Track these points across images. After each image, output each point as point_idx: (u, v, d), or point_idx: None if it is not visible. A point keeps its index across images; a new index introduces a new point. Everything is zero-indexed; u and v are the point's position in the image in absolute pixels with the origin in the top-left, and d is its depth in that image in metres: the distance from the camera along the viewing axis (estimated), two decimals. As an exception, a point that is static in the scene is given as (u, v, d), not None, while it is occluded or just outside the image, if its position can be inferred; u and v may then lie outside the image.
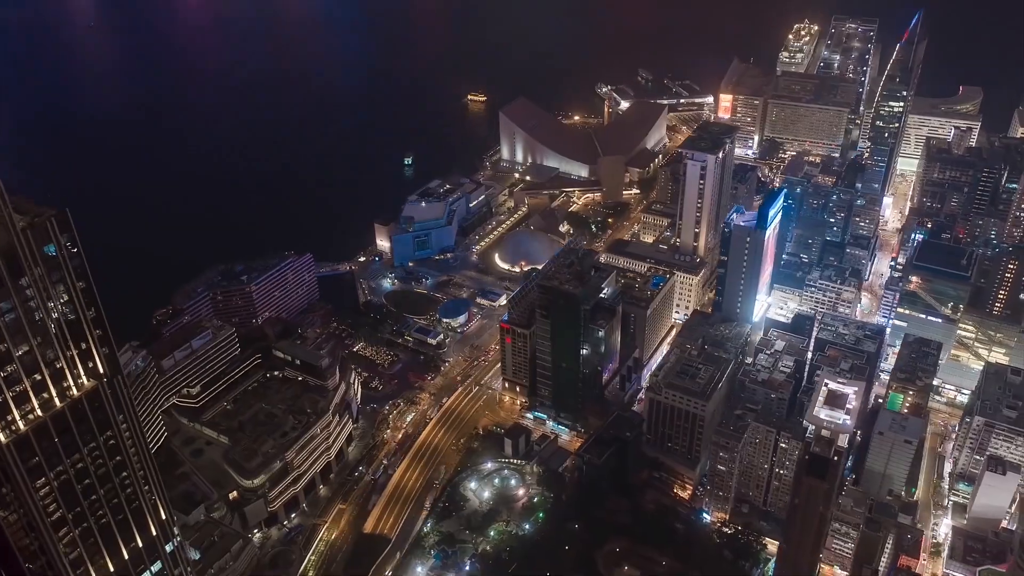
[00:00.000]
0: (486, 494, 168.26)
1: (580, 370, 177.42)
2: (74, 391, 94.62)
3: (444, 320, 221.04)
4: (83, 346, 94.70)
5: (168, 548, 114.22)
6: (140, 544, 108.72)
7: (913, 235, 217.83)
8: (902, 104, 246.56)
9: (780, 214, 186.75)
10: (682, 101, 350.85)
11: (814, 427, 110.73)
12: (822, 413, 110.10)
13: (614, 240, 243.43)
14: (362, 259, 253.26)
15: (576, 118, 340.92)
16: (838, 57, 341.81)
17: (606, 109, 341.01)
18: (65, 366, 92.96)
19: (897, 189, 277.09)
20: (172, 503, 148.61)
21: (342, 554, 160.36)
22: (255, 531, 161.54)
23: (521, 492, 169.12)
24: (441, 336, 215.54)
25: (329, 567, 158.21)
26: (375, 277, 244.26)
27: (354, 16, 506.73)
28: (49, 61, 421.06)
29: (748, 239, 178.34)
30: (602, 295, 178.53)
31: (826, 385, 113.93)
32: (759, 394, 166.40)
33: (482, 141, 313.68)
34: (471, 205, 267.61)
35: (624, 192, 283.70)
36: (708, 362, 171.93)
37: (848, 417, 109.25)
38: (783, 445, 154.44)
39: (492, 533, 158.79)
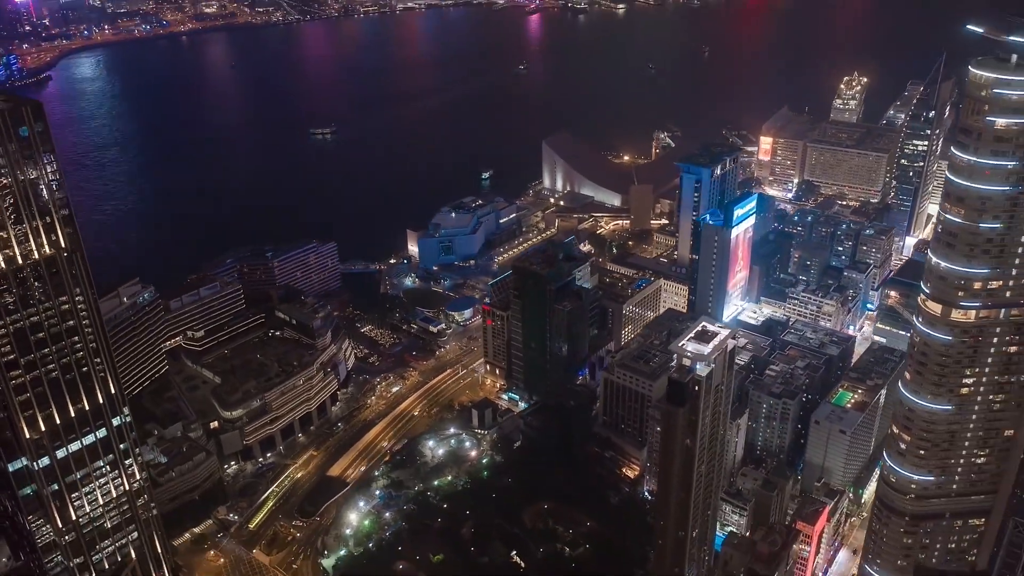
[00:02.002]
0: (440, 452, 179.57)
1: (546, 349, 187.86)
2: (35, 255, 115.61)
3: (450, 313, 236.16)
4: (47, 220, 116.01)
5: (115, 421, 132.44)
6: (87, 408, 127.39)
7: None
8: (926, 143, 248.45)
9: (752, 217, 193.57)
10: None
11: (677, 355, 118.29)
12: (688, 345, 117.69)
13: (620, 252, 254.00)
14: (392, 261, 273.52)
15: (626, 158, 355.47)
16: (902, 116, 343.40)
17: (654, 149, 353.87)
18: (29, 232, 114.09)
19: (925, 231, 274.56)
20: (156, 419, 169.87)
21: (303, 491, 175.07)
22: (231, 463, 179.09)
23: (473, 454, 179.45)
24: (443, 326, 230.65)
25: (287, 499, 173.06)
26: (399, 275, 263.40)
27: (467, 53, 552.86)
28: (203, 91, 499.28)
29: (716, 238, 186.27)
30: (584, 286, 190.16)
31: (702, 324, 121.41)
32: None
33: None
34: (501, 221, 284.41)
35: (652, 221, 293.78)
36: (666, 351, 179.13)
37: (709, 348, 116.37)
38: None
39: (435, 483, 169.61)
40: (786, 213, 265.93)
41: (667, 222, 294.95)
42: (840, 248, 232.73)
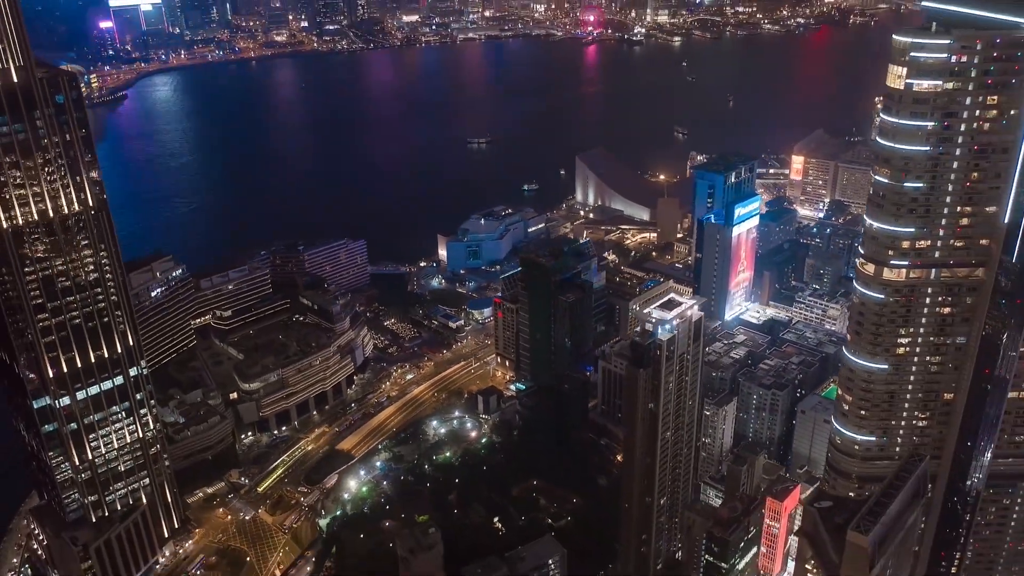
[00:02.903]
0: (443, 431, 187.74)
1: (551, 340, 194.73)
2: (64, 209, 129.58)
3: (471, 311, 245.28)
4: (77, 179, 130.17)
5: (132, 371, 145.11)
6: (106, 355, 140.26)
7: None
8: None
9: (756, 218, 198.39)
10: (770, 171, 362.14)
11: (641, 320, 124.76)
12: (653, 312, 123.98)
13: (639, 259, 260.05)
14: (423, 264, 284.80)
15: (661, 176, 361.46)
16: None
17: (688, 167, 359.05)
18: (60, 188, 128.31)
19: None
20: (179, 385, 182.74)
21: (311, 461, 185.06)
22: (248, 433, 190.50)
23: (473, 435, 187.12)
24: (461, 322, 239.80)
25: (296, 468, 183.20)
26: (426, 277, 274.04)
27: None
28: (270, 106, 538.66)
29: (718, 236, 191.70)
30: (594, 284, 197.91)
31: (669, 295, 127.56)
32: (703, 371, 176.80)
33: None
34: (530, 230, 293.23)
35: (679, 235, 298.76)
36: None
37: (671, 315, 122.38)
38: (707, 412, 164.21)
39: (434, 458, 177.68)
40: (807, 226, 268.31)
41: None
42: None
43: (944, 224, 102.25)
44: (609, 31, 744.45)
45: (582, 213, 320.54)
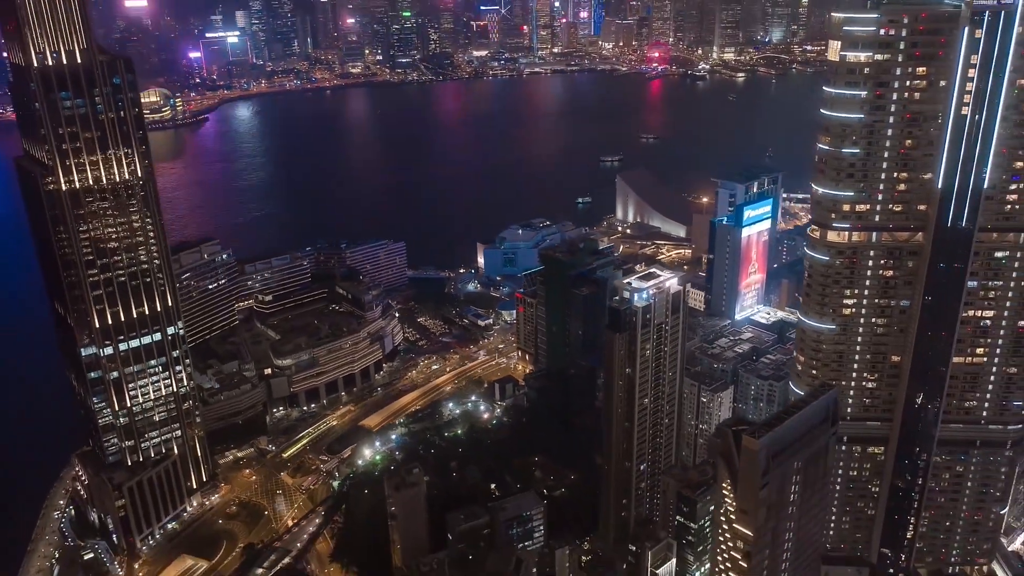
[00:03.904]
0: (458, 411, 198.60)
1: (566, 332, 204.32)
2: (115, 178, 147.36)
3: (500, 311, 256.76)
4: (128, 151, 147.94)
5: (170, 330, 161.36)
6: (147, 312, 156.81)
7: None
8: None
9: (767, 221, 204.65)
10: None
11: (619, 289, 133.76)
12: (633, 281, 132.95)
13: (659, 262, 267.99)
14: (461, 270, 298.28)
15: (704, 199, 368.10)
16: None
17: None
18: (113, 159, 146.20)
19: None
20: (217, 357, 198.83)
21: (334, 434, 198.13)
22: (279, 407, 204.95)
23: (486, 416, 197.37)
24: (490, 321, 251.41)
25: (320, 440, 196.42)
26: (463, 282, 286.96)
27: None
28: (340, 130, 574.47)
29: (728, 237, 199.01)
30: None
31: (649, 269, 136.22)
32: (705, 363, 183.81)
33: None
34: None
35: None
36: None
37: (647, 285, 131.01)
38: (703, 399, 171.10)
39: (445, 434, 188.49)
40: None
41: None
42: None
43: (882, 189, 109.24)
44: (673, 67, 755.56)
45: (620, 229, 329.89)
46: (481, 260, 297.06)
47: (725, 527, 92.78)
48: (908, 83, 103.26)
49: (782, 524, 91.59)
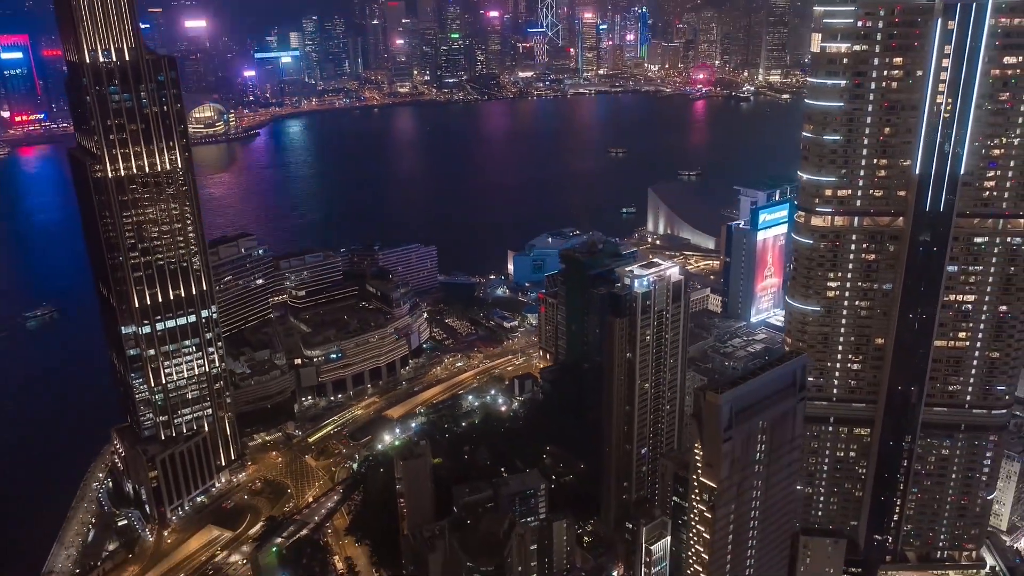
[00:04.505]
0: (476, 403, 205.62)
1: (585, 331, 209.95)
2: (157, 167, 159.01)
3: (527, 314, 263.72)
4: (170, 143, 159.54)
5: (204, 313, 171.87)
6: (183, 295, 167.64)
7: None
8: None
9: (783, 225, 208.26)
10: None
11: (620, 276, 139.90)
12: (635, 269, 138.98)
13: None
14: (492, 276, 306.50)
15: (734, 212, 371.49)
16: None
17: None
18: (155, 150, 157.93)
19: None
20: (250, 345, 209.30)
21: (359, 423, 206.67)
22: (308, 396, 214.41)
23: (503, 409, 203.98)
24: (515, 323, 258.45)
25: (344, 427, 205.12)
26: (493, 287, 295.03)
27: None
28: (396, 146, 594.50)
29: (744, 240, 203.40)
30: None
31: (650, 258, 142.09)
32: (717, 361, 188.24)
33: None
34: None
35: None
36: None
37: (647, 273, 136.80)
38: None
39: (462, 423, 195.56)
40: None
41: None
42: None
43: (863, 175, 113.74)
44: (718, 88, 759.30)
45: (649, 240, 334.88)
46: (511, 267, 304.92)
47: (695, 483, 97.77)
48: (886, 73, 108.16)
49: (748, 481, 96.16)
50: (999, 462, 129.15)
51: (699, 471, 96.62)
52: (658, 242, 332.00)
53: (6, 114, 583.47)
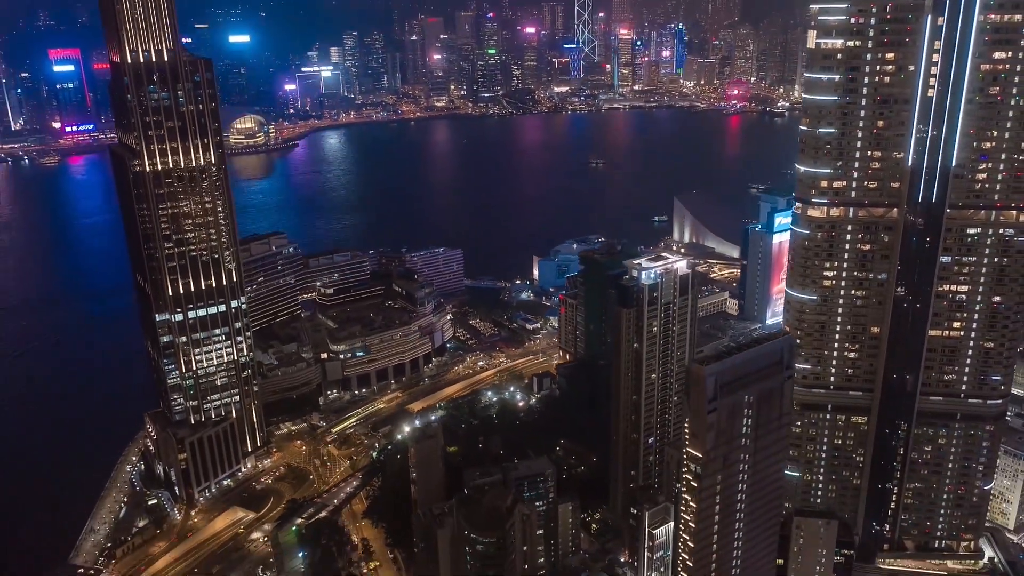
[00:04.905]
0: (495, 399, 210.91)
1: (603, 331, 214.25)
2: (192, 163, 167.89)
3: (549, 317, 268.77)
4: (205, 141, 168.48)
5: (233, 303, 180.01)
6: (214, 285, 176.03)
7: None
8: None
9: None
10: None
11: (629, 268, 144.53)
12: (642, 262, 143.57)
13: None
14: (517, 281, 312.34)
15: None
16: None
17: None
18: (191, 146, 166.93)
19: None
20: (279, 339, 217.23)
21: (381, 415, 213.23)
22: (333, 390, 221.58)
23: (521, 404, 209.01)
24: (538, 325, 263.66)
25: (367, 420, 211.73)
26: (518, 291, 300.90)
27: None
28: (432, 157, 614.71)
29: (760, 243, 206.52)
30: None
31: (658, 253, 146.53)
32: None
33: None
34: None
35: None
36: (706, 335, 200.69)
37: (655, 266, 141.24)
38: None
39: (480, 416, 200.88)
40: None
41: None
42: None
43: (857, 167, 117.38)
44: (752, 104, 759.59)
45: (674, 248, 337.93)
46: (536, 272, 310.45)
47: (684, 455, 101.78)
48: (878, 67, 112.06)
49: (735, 454, 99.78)
50: (996, 452, 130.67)
51: (687, 442, 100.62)
52: (683, 250, 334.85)
53: (57, 125, 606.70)
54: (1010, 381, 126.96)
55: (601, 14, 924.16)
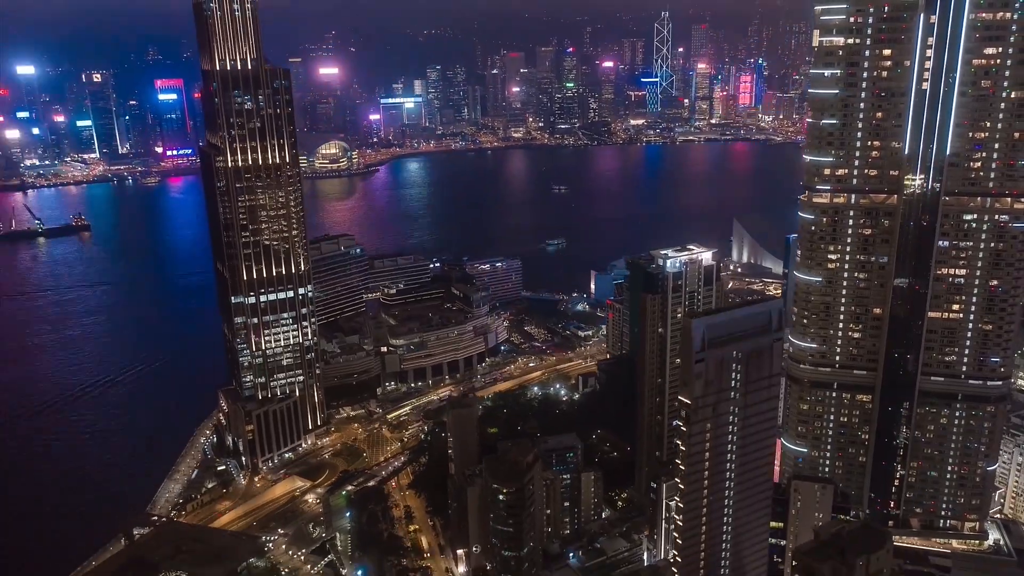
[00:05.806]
0: (539, 393, 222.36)
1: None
2: (268, 161, 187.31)
3: (601, 326, 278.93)
4: (281, 141, 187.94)
5: (300, 290, 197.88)
6: (284, 273, 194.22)
7: None
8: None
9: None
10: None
11: (654, 257, 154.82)
12: (668, 252, 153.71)
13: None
14: (575, 294, 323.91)
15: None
16: None
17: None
18: (268, 145, 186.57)
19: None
20: (342, 330, 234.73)
21: (434, 406, 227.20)
22: (391, 382, 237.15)
23: (564, 397, 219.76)
24: (589, 333, 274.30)
25: (420, 410, 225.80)
26: (575, 303, 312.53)
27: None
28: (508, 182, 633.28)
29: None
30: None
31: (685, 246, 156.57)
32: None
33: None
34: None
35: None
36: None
37: (680, 256, 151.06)
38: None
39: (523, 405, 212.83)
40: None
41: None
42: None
43: (858, 156, 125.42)
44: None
45: (731, 268, 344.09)
46: (593, 286, 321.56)
47: (677, 404, 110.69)
48: (877, 63, 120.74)
49: (724, 406, 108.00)
50: (998, 434, 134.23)
51: (679, 392, 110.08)
52: (739, 269, 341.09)
53: (159, 149, 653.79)
54: (1011, 364, 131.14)
55: (680, 49, 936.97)
